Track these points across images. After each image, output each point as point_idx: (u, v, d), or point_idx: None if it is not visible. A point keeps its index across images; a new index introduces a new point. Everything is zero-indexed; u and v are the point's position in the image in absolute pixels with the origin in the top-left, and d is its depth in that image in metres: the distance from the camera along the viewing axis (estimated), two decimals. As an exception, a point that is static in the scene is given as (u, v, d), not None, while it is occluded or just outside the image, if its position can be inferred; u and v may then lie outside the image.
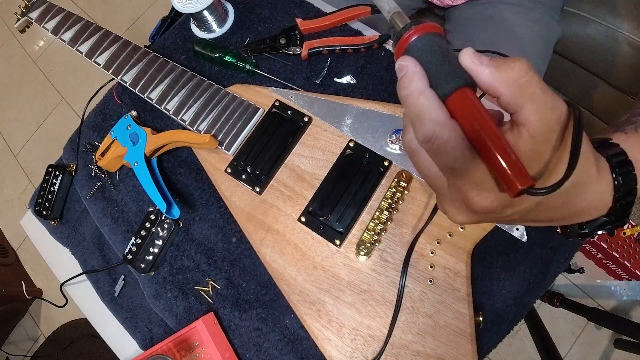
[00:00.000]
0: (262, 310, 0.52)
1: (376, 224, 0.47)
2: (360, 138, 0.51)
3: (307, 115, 0.53)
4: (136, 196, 0.61)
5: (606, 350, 1.09)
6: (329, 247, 0.48)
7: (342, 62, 0.59)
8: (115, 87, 0.68)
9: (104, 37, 0.61)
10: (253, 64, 0.61)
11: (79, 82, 1.84)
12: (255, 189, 0.52)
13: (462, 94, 0.23)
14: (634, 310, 1.11)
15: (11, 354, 1.51)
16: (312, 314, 0.46)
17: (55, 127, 1.80)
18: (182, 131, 0.56)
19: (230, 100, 0.56)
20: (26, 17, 0.66)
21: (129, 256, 0.56)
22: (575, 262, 1.16)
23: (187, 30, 0.68)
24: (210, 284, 0.55)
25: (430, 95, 0.24)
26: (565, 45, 0.78)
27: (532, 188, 0.21)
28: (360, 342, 0.44)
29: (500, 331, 0.46)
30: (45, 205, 0.65)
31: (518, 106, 0.23)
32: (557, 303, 1.06)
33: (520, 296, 0.47)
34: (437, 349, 0.42)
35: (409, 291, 0.44)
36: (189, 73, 0.58)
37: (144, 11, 1.86)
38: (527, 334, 1.05)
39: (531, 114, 0.23)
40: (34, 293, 1.58)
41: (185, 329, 0.52)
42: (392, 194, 0.47)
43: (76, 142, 0.67)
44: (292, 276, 0.48)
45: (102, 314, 0.62)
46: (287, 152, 0.52)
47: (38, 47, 2.00)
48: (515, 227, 0.44)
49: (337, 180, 0.49)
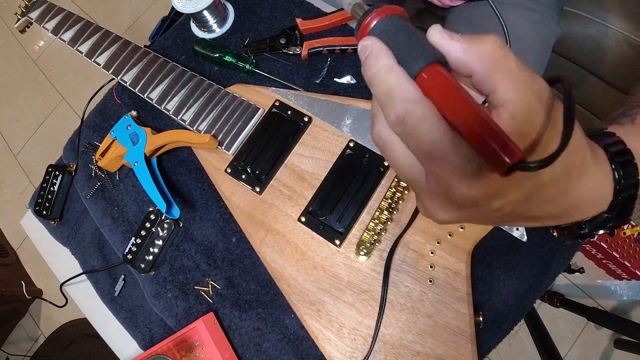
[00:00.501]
0: (262, 310, 0.52)
1: (376, 224, 0.47)
2: (360, 138, 0.51)
3: (307, 115, 0.53)
4: (136, 196, 0.61)
5: (606, 350, 1.09)
6: (329, 247, 0.48)
7: (342, 62, 0.59)
8: (115, 87, 0.68)
9: (104, 37, 0.61)
10: (253, 64, 0.61)
11: (79, 82, 1.84)
12: (255, 189, 0.52)
13: (433, 70, 0.21)
14: (634, 310, 1.11)
15: (11, 354, 1.51)
16: (312, 314, 0.46)
17: (55, 127, 1.80)
18: (182, 131, 0.56)
19: (230, 100, 0.56)
20: (26, 17, 0.66)
21: (129, 256, 0.56)
22: (575, 262, 1.16)
23: (187, 30, 0.68)
24: (210, 284, 0.55)
25: (400, 72, 0.21)
26: (565, 45, 0.78)
27: (524, 162, 0.19)
28: (360, 342, 0.44)
29: (500, 331, 0.46)
30: (45, 205, 0.65)
31: (493, 84, 0.21)
32: (557, 303, 1.06)
33: (520, 296, 0.47)
34: (437, 349, 0.42)
35: (409, 291, 0.44)
36: (189, 73, 0.58)
37: (144, 11, 1.86)
38: (527, 334, 1.05)
39: (508, 93, 0.20)
40: (34, 293, 1.58)
41: (185, 328, 0.52)
42: (392, 194, 0.47)
43: (76, 142, 0.67)
44: (292, 276, 0.48)
45: (102, 314, 0.62)
46: (287, 152, 0.52)
47: (38, 47, 2.00)
48: (515, 227, 0.44)
49: (337, 180, 0.49)
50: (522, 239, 0.43)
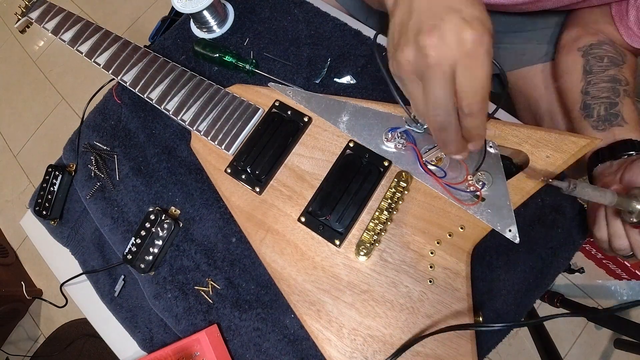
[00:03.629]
0: (262, 311, 0.52)
1: (376, 224, 0.47)
2: (357, 135, 0.51)
3: (307, 115, 0.53)
4: (136, 196, 0.61)
5: (606, 350, 1.09)
6: (329, 247, 0.48)
7: (342, 62, 0.59)
8: (115, 87, 0.68)
9: (104, 37, 0.61)
10: (253, 64, 0.61)
11: (79, 82, 1.84)
12: (255, 189, 0.52)
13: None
14: (634, 310, 1.11)
15: (11, 354, 1.51)
16: (312, 314, 0.46)
17: (55, 127, 1.80)
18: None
19: (230, 100, 0.56)
20: (26, 17, 0.66)
21: (129, 256, 0.56)
22: (575, 262, 1.16)
23: (187, 30, 0.68)
24: (210, 284, 0.55)
25: None
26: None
27: None
28: (360, 342, 0.44)
29: (500, 331, 0.46)
30: (45, 205, 0.65)
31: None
32: (557, 303, 1.06)
33: (520, 296, 0.47)
34: (437, 349, 0.42)
35: (408, 291, 0.44)
36: (189, 73, 0.58)
37: (144, 11, 1.86)
38: (527, 334, 1.05)
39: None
40: (34, 293, 1.58)
41: (188, 338, 0.52)
42: (392, 194, 0.47)
43: (76, 142, 0.67)
44: (292, 276, 0.48)
45: (102, 314, 0.62)
46: (287, 152, 0.52)
47: (38, 47, 2.00)
48: (508, 228, 0.44)
49: (337, 180, 0.49)
50: (514, 241, 0.43)
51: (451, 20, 0.28)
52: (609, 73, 0.49)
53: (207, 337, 0.50)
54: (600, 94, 0.49)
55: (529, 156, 0.45)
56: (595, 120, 0.48)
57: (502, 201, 0.44)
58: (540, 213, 0.48)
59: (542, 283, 0.47)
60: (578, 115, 0.51)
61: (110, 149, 0.65)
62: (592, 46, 0.52)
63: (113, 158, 0.64)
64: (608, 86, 0.49)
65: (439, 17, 0.29)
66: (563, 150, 0.44)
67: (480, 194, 0.45)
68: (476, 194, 0.45)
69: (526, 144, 0.45)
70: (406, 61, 0.31)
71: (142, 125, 0.64)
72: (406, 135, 0.48)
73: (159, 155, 0.62)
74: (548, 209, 0.48)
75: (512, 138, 0.46)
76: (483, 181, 0.45)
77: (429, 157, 0.47)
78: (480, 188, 0.45)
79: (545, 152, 0.44)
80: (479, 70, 0.29)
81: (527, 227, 0.48)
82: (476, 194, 0.45)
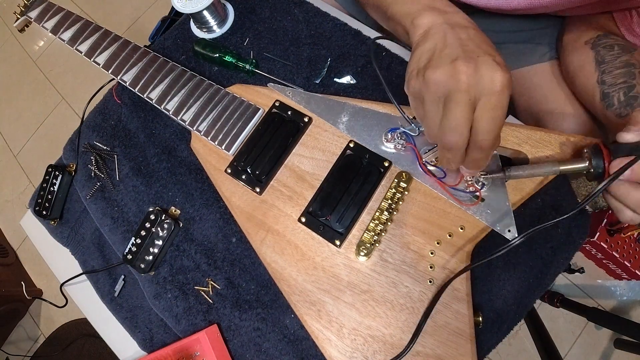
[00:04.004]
0: (262, 311, 0.52)
1: (376, 225, 0.47)
2: (356, 136, 0.51)
3: (307, 115, 0.53)
4: (136, 196, 0.61)
5: (606, 350, 1.09)
6: (329, 247, 0.48)
7: (342, 62, 0.59)
8: (115, 87, 0.68)
9: (104, 37, 0.61)
10: (253, 64, 0.61)
11: (79, 82, 1.84)
12: (255, 190, 0.52)
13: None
14: (634, 310, 1.11)
15: (11, 354, 1.51)
16: (312, 314, 0.46)
17: (55, 127, 1.80)
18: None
19: (230, 101, 0.56)
20: (25, 16, 0.66)
21: (129, 256, 0.56)
22: (575, 262, 1.16)
23: (187, 30, 0.68)
24: (210, 284, 0.55)
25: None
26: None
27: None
28: (360, 342, 0.44)
29: (500, 331, 0.46)
30: (45, 205, 0.65)
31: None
32: (557, 303, 1.06)
33: (520, 296, 0.47)
34: (437, 349, 0.42)
35: (408, 291, 0.44)
36: (189, 73, 0.58)
37: (144, 11, 1.86)
38: (527, 334, 1.05)
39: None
40: (34, 293, 1.58)
41: (188, 338, 0.52)
42: (392, 195, 0.47)
43: (76, 142, 0.67)
44: (292, 276, 0.48)
45: (102, 314, 0.62)
46: (287, 152, 0.52)
47: (38, 47, 2.00)
48: (507, 229, 0.44)
49: (337, 180, 0.49)
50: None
51: (487, 61, 0.31)
52: (622, 59, 0.48)
53: (207, 337, 0.50)
54: (617, 80, 0.48)
55: (528, 157, 0.45)
56: (617, 107, 0.47)
57: (502, 202, 0.44)
58: (540, 213, 0.48)
59: (542, 283, 0.47)
60: (600, 108, 0.49)
61: (110, 149, 0.65)
62: (599, 37, 0.51)
63: (113, 158, 0.64)
64: (623, 71, 0.47)
65: (476, 54, 0.32)
66: (563, 150, 0.44)
67: (480, 195, 0.45)
68: (476, 195, 0.45)
69: (526, 144, 0.45)
70: (435, 80, 0.33)
71: (142, 125, 0.64)
72: (406, 136, 0.48)
73: (159, 155, 0.62)
74: (548, 209, 0.48)
75: (512, 138, 0.46)
76: (482, 182, 0.45)
77: (429, 157, 0.47)
78: (480, 188, 0.45)
79: (545, 153, 0.45)
80: (499, 111, 0.31)
81: (527, 227, 0.48)
82: (476, 195, 0.45)
